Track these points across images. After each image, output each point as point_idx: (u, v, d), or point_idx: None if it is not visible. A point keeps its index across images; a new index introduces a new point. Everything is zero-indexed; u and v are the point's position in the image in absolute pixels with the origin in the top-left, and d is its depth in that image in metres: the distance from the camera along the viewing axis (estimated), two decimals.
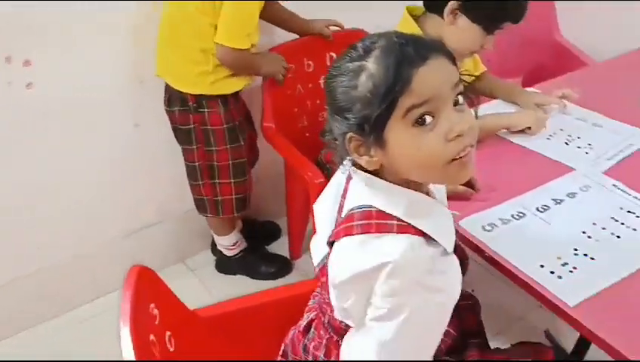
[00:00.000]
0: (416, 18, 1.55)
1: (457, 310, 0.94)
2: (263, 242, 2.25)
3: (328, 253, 0.96)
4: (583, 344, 1.61)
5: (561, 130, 1.58)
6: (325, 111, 0.93)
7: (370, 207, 0.90)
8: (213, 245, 2.18)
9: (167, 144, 1.90)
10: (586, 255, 1.17)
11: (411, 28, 1.51)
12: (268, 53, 1.88)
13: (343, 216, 0.95)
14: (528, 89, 1.76)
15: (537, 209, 1.29)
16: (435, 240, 0.89)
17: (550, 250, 1.18)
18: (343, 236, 0.91)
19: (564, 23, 2.41)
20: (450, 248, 0.91)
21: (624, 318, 1.05)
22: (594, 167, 1.43)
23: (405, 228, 0.87)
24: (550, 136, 1.55)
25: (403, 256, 0.84)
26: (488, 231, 1.23)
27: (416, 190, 0.93)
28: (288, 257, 2.19)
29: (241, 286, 2.08)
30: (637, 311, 1.06)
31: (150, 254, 2.03)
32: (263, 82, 1.89)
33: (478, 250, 1.20)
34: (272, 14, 1.85)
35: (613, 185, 1.37)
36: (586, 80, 1.88)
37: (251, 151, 1.99)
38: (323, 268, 0.99)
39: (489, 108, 1.66)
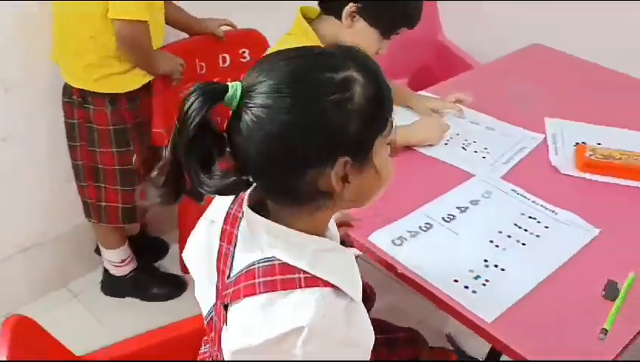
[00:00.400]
0: (311, 20, 1.49)
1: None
2: (150, 259, 2.10)
3: (215, 306, 0.86)
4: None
5: (457, 134, 1.58)
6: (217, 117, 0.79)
7: (273, 259, 0.78)
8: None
9: (47, 156, 1.71)
10: (496, 266, 1.16)
11: (305, 30, 1.45)
12: (162, 51, 1.74)
13: (235, 269, 0.82)
14: (421, 92, 1.75)
15: (443, 219, 1.28)
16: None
17: (462, 263, 1.16)
18: (244, 297, 0.78)
19: (448, 24, 2.46)
20: (359, 297, 0.81)
21: (537, 330, 1.04)
22: (492, 172, 1.44)
23: (312, 280, 0.77)
24: (447, 141, 1.55)
25: (316, 317, 0.74)
26: (398, 245, 1.20)
27: (320, 234, 0.83)
28: (181, 272, 2.06)
29: (132, 311, 1.93)
30: (549, 321, 1.06)
31: (29, 279, 1.84)
32: (153, 84, 1.74)
33: (390, 267, 1.16)
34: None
35: (512, 189, 1.38)
36: (473, 82, 1.91)
37: (154, 160, 1.84)
38: (210, 323, 0.88)
39: None
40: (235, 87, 0.73)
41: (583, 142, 1.56)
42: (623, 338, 1.03)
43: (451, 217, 1.28)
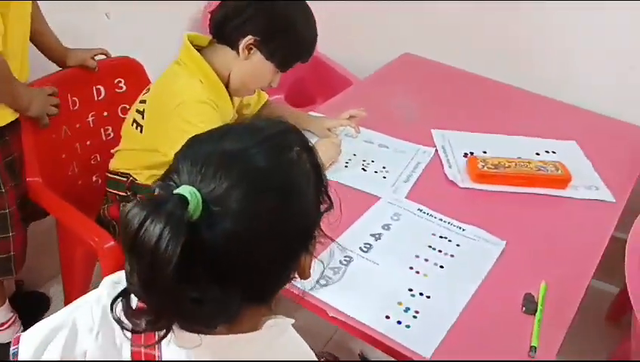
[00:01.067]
0: (200, 47, 1.40)
1: None
2: (31, 318, 1.86)
3: None
4: None
5: (355, 154, 1.57)
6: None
7: None
8: None
9: None
10: (421, 294, 1.16)
11: (196, 59, 1.36)
12: (31, 88, 1.51)
13: None
14: (313, 113, 1.73)
15: (361, 249, 1.25)
16: None
17: (389, 296, 1.14)
18: None
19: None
20: None
21: (472, 357, 1.06)
22: (396, 192, 1.44)
23: None
24: (347, 163, 1.54)
25: None
26: (324, 285, 1.16)
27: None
28: None
29: None
30: (480, 346, 1.08)
31: None
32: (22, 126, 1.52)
33: (320, 311, 1.12)
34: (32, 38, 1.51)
35: (419, 209, 1.40)
36: (356, 99, 1.91)
37: (28, 205, 1.62)
38: None
39: None
40: (193, 196, 0.60)
41: (472, 153, 1.62)
42: (551, 349, 1.07)
43: (368, 246, 1.26)
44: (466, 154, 1.62)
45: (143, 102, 1.41)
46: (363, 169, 1.52)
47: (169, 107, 1.31)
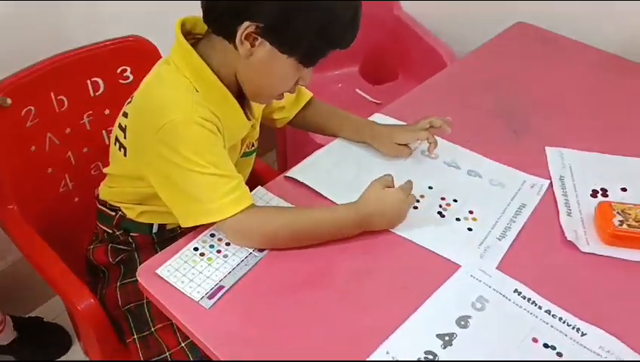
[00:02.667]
0: (197, 39, 0.99)
1: None
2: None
3: None
4: None
5: (430, 187, 1.12)
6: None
7: None
8: None
9: None
10: None
11: (187, 57, 0.95)
12: None
13: None
14: (379, 116, 1.27)
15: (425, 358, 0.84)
16: None
17: None
18: None
19: None
20: None
21: None
22: (484, 257, 0.99)
23: None
24: (417, 201, 1.08)
25: None
26: None
27: None
28: None
29: None
30: None
31: None
32: None
33: None
34: None
35: (516, 291, 0.94)
36: (446, 91, 1.43)
37: None
38: None
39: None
40: None
41: (604, 190, 1.12)
42: None
43: (431, 358, 0.84)
44: (595, 193, 1.12)
45: (125, 114, 1.03)
46: (439, 213, 1.07)
47: (151, 129, 0.93)
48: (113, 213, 1.13)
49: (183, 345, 1.06)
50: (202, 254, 0.97)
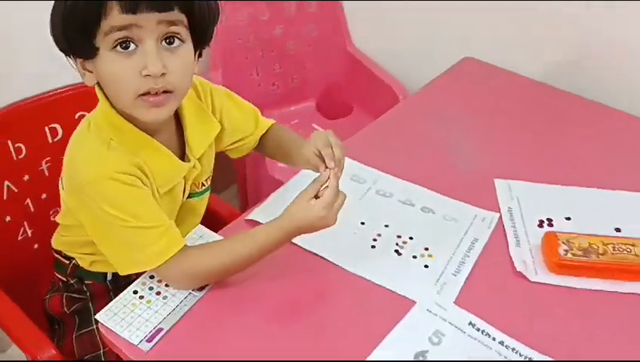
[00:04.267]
0: None
1: None
2: None
3: None
4: None
5: (387, 226, 1.16)
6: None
7: None
8: None
9: None
10: None
11: (100, 108, 0.97)
12: None
13: None
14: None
15: None
16: None
17: None
18: None
19: (357, 30, 2.00)
20: None
21: None
22: (441, 293, 1.03)
23: None
24: (375, 240, 1.12)
25: None
26: None
27: None
28: None
29: None
30: None
31: None
32: None
33: None
34: None
35: (470, 323, 0.98)
36: (402, 120, 1.49)
37: None
38: None
39: None
40: None
41: (549, 220, 1.18)
42: None
43: None
44: (541, 223, 1.18)
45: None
46: (397, 251, 1.11)
47: (72, 186, 0.97)
48: (67, 262, 1.14)
49: None
50: (142, 297, 0.98)
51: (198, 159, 1.06)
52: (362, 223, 1.15)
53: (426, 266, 1.07)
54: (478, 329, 0.97)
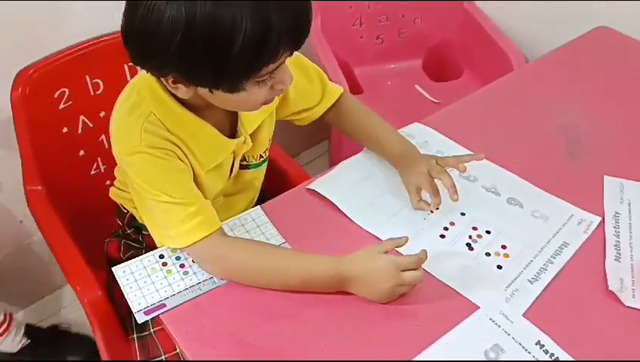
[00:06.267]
0: None
1: None
2: None
3: None
4: None
5: (463, 214, 1.02)
6: None
7: None
8: None
9: None
10: None
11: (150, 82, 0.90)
12: None
13: None
14: (414, 126, 1.17)
15: None
16: None
17: None
18: None
19: None
20: None
21: None
22: (510, 301, 0.89)
23: None
24: (445, 229, 0.99)
25: None
26: None
27: None
28: None
29: None
30: None
31: None
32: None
33: None
34: None
35: (538, 342, 0.84)
36: (510, 91, 1.32)
37: None
38: None
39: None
40: None
41: None
42: None
43: None
44: None
45: None
46: (468, 245, 0.97)
47: (116, 154, 0.94)
48: (125, 211, 1.12)
49: (177, 351, 1.03)
50: (165, 264, 0.94)
51: (252, 133, 1.01)
52: (436, 208, 1.02)
53: (499, 267, 0.94)
54: (546, 352, 0.83)
